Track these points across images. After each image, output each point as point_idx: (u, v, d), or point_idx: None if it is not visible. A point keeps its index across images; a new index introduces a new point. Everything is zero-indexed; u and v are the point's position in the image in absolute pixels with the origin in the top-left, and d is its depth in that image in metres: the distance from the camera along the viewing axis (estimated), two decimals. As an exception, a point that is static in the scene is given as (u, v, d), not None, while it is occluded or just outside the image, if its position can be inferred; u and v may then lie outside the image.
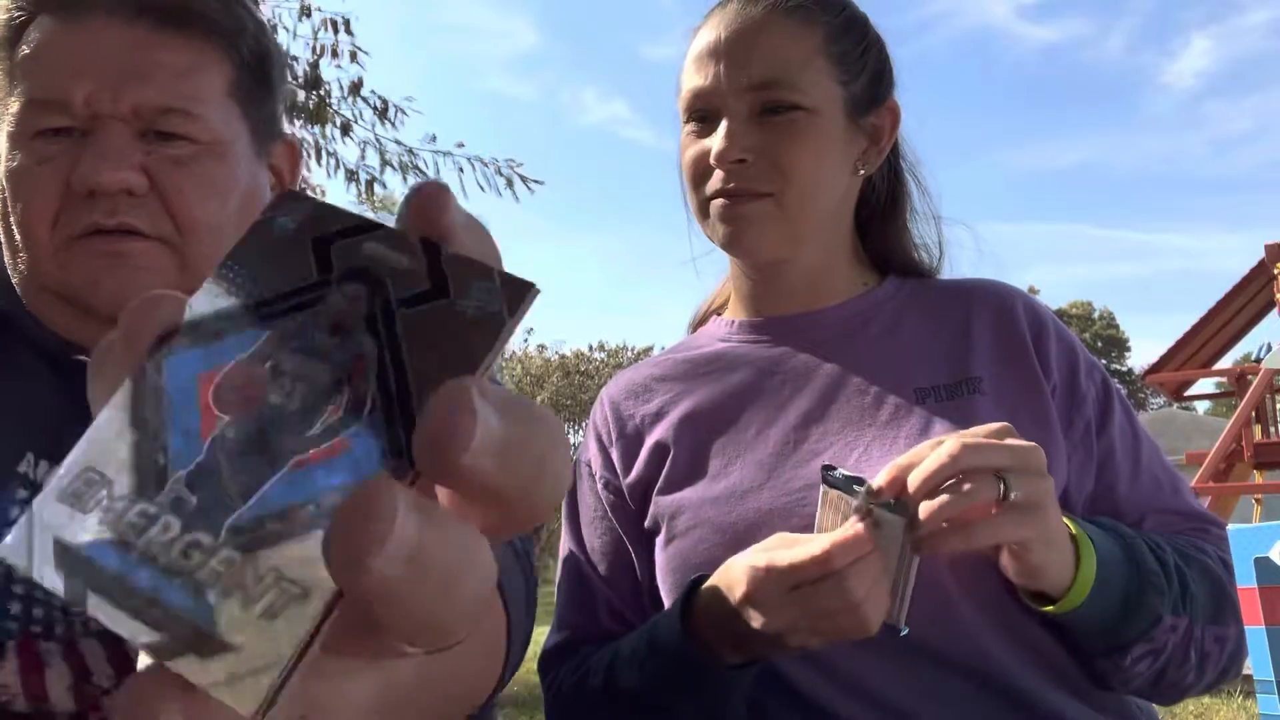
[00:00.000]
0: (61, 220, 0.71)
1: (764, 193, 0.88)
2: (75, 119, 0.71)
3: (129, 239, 0.72)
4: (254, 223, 0.26)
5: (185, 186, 0.73)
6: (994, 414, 0.85)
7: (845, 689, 0.79)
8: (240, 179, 0.77)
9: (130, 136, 0.72)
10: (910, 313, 0.95)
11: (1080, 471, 0.87)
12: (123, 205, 0.71)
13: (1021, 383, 0.88)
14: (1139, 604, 0.75)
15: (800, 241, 0.91)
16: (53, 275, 0.73)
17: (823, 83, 0.89)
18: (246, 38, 0.78)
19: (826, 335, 0.94)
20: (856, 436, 0.86)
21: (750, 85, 0.87)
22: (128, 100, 0.71)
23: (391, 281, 0.24)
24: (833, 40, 0.90)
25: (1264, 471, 8.81)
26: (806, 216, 0.90)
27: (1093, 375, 0.91)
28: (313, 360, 0.24)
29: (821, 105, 0.88)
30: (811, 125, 0.88)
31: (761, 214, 0.88)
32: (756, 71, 0.87)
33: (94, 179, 0.69)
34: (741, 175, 0.88)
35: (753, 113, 0.88)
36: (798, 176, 0.87)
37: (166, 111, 0.73)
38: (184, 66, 0.74)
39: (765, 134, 0.87)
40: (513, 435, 0.23)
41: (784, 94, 0.87)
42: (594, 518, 0.97)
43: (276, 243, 0.25)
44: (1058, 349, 0.91)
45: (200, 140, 0.74)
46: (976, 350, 0.90)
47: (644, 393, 0.98)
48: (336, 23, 5.63)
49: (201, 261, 0.75)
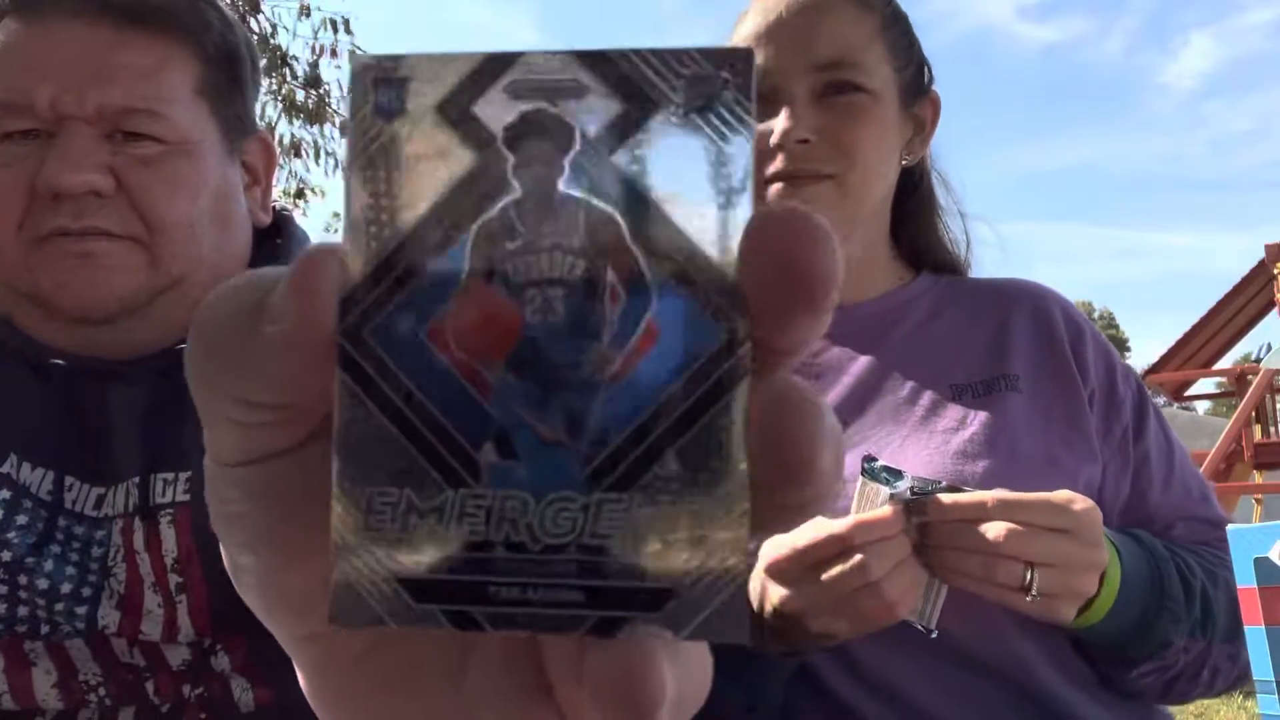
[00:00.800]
0: (27, 223, 0.71)
1: (827, 174, 0.87)
2: (40, 121, 0.71)
3: (96, 239, 0.71)
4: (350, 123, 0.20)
5: (153, 186, 0.72)
6: (1029, 412, 0.85)
7: (875, 691, 0.79)
8: (210, 177, 0.77)
9: (96, 138, 0.71)
10: (946, 309, 0.94)
11: (1117, 478, 0.87)
12: (89, 207, 0.70)
13: (1058, 384, 0.88)
14: (1151, 628, 0.74)
15: (855, 228, 0.90)
16: (21, 278, 0.72)
17: (882, 67, 0.88)
18: (212, 34, 0.78)
19: (862, 329, 0.93)
20: (892, 432, 0.85)
21: (814, 65, 0.86)
22: (92, 101, 0.71)
23: (577, 120, 0.19)
24: (888, 26, 0.90)
25: (1264, 471, 8.80)
26: (865, 202, 0.89)
27: (1129, 380, 0.91)
28: (542, 254, 0.19)
29: (881, 89, 0.88)
30: (874, 108, 0.87)
31: (824, 196, 0.87)
32: (822, 52, 0.86)
33: (57, 181, 0.69)
34: (805, 156, 0.86)
35: (814, 94, 0.87)
36: (861, 159, 0.87)
37: (132, 112, 0.72)
38: (149, 66, 0.73)
39: (828, 115, 0.86)
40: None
41: (849, 74, 0.86)
42: None
43: (400, 136, 0.19)
44: (1095, 354, 0.90)
45: (167, 140, 0.73)
46: (1014, 348, 0.89)
47: None
48: (336, 22, 5.64)
49: (171, 260, 0.74)
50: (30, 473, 0.74)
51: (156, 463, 0.75)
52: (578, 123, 0.19)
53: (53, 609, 0.69)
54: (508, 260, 0.19)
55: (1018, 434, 0.83)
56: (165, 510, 0.74)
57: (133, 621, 0.71)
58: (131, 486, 0.75)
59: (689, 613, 0.18)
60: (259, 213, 0.86)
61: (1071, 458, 0.84)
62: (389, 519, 0.19)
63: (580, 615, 0.18)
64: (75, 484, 0.75)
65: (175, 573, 0.73)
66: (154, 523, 0.74)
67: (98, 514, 0.74)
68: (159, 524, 0.74)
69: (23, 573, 0.69)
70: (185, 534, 0.74)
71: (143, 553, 0.73)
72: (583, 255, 0.19)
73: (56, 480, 0.75)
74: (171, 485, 0.75)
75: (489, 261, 0.19)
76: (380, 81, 0.19)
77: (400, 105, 0.19)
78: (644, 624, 0.18)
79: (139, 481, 0.75)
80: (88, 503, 0.75)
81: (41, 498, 0.74)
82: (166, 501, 0.74)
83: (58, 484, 0.75)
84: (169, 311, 0.76)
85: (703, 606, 0.18)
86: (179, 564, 0.73)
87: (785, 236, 0.17)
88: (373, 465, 0.19)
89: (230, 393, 0.20)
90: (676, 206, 0.18)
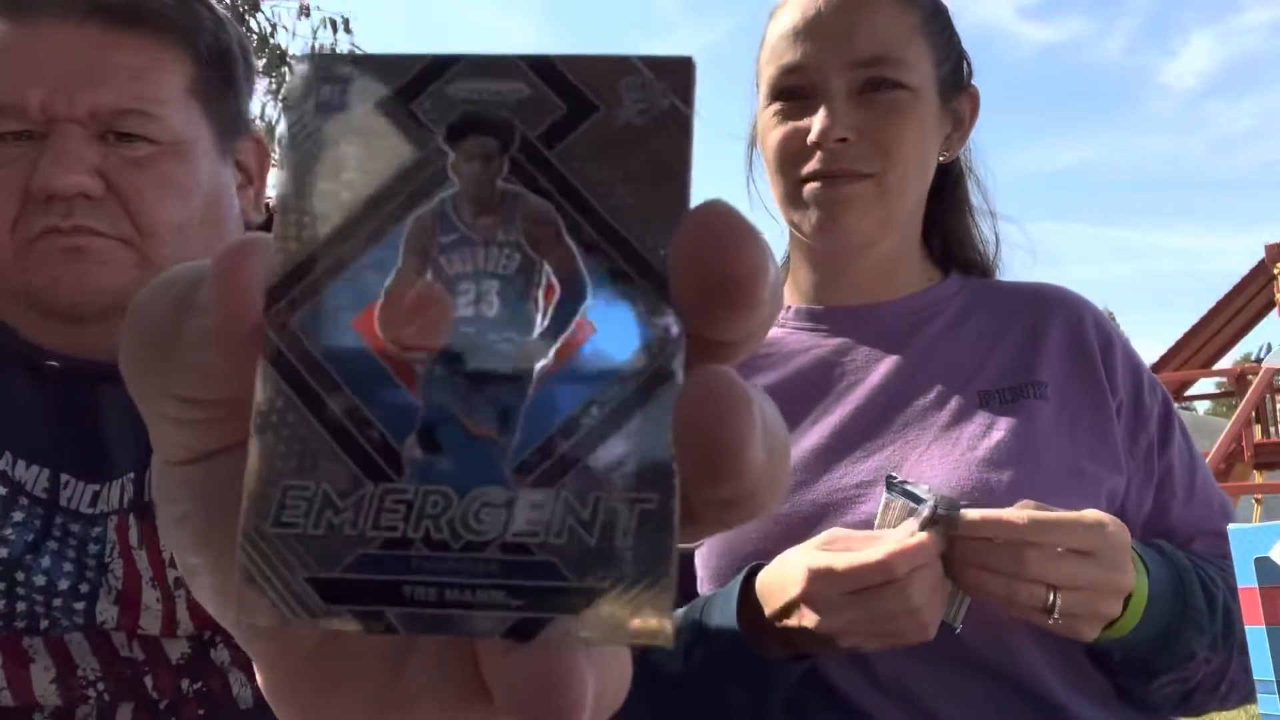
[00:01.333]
0: (20, 224, 0.71)
1: (866, 174, 0.85)
2: (32, 123, 0.71)
3: (87, 235, 0.71)
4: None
5: (144, 188, 0.72)
6: (1055, 421, 0.84)
7: (888, 693, 0.78)
8: (202, 178, 0.77)
9: (87, 139, 0.71)
10: (976, 311, 0.93)
11: (1140, 490, 0.86)
12: (80, 209, 0.70)
13: (1086, 394, 0.87)
14: (1175, 639, 0.74)
15: (891, 227, 0.89)
16: (15, 278, 0.72)
17: (922, 63, 0.87)
18: (204, 34, 0.77)
19: (889, 328, 0.92)
20: (917, 436, 0.84)
21: (855, 62, 0.84)
22: (83, 103, 0.71)
23: (519, 120, 0.19)
24: (929, 19, 0.88)
25: (1264, 471, 8.81)
26: (904, 201, 0.88)
27: (1155, 392, 0.91)
28: (478, 248, 0.19)
29: (922, 86, 0.86)
30: (915, 105, 0.86)
31: (862, 196, 0.85)
32: (863, 48, 0.84)
33: (48, 184, 0.69)
34: (844, 155, 0.85)
35: (853, 91, 0.85)
36: (901, 157, 0.85)
37: (123, 113, 0.72)
38: (140, 67, 0.73)
39: (868, 112, 0.85)
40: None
41: (890, 71, 0.84)
42: None
43: (339, 130, 0.19)
44: (1124, 364, 0.90)
45: (159, 140, 0.73)
46: (1043, 355, 0.88)
47: None
48: (336, 22, 5.63)
49: (163, 261, 0.74)
50: (25, 470, 0.75)
51: (150, 459, 0.76)
52: (519, 122, 0.19)
53: (51, 605, 0.69)
54: (442, 253, 0.19)
55: (1044, 444, 0.83)
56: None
57: (131, 616, 0.71)
58: (126, 483, 0.75)
59: (611, 614, 0.17)
60: (252, 212, 0.86)
61: (1096, 469, 0.84)
62: (302, 514, 0.18)
63: (500, 616, 0.18)
64: (71, 481, 0.75)
65: (173, 567, 0.73)
66: (149, 520, 0.74)
67: (93, 511, 0.74)
68: (154, 521, 0.74)
69: (20, 570, 0.69)
70: None
71: (139, 549, 0.73)
72: (518, 249, 0.19)
73: (52, 478, 0.75)
74: None
75: (422, 254, 0.19)
76: (324, 78, 0.20)
77: (341, 102, 0.19)
78: (564, 626, 0.17)
79: (134, 478, 0.75)
80: (83, 500, 0.75)
81: (38, 495, 0.74)
82: None
83: (53, 481, 0.75)
84: None
85: (626, 608, 0.17)
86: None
87: (711, 234, 0.18)
88: (290, 457, 0.18)
89: (164, 390, 0.19)
90: (613, 205, 0.19)
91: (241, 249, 0.18)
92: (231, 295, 0.18)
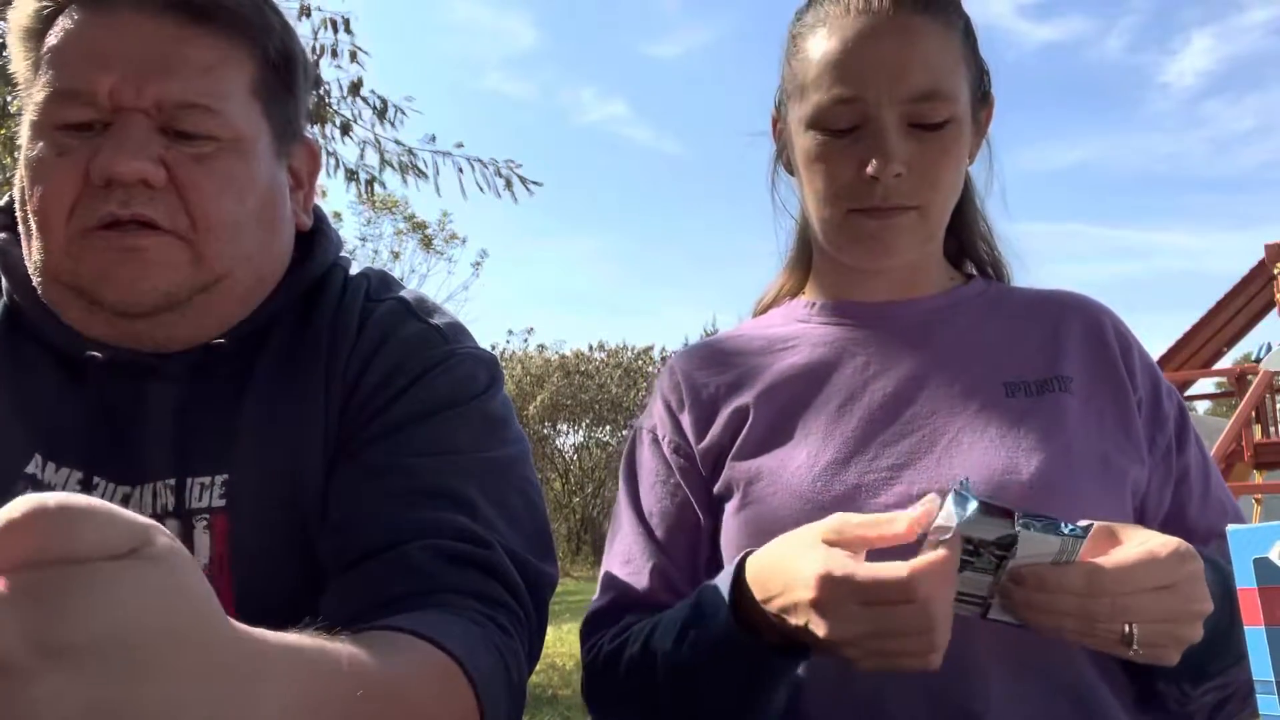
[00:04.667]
0: (78, 211, 0.71)
1: (912, 206, 0.86)
2: (98, 111, 0.72)
3: (144, 233, 0.72)
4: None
5: (204, 183, 0.73)
6: (1082, 414, 0.86)
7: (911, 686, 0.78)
8: (259, 177, 0.77)
9: (151, 129, 0.72)
10: (999, 311, 0.95)
11: (1160, 488, 0.87)
12: (139, 197, 0.71)
13: (1109, 389, 0.89)
14: (1228, 639, 0.72)
15: (929, 244, 0.92)
16: (65, 267, 0.73)
17: (963, 88, 0.87)
18: (273, 38, 0.78)
19: (913, 324, 0.94)
20: (947, 423, 0.86)
21: (910, 97, 0.84)
22: (151, 93, 0.72)
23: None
24: (965, 40, 0.89)
25: (1264, 471, 8.81)
26: (941, 223, 0.91)
27: (1171, 397, 0.92)
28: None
29: (963, 113, 0.87)
30: (959, 135, 0.87)
31: (909, 226, 0.87)
32: (916, 83, 0.84)
33: (111, 168, 0.70)
34: (897, 190, 0.85)
35: (904, 122, 0.85)
36: (944, 188, 0.87)
37: (189, 106, 0.73)
38: (209, 62, 0.74)
39: (918, 146, 0.85)
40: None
41: (943, 108, 0.84)
42: (655, 482, 0.95)
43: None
44: (1142, 367, 0.91)
45: (221, 137, 0.74)
46: (1066, 353, 0.90)
47: (719, 364, 0.97)
48: (336, 22, 5.62)
49: (215, 257, 0.75)
50: (55, 473, 0.75)
51: (191, 464, 0.76)
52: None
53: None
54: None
55: (1072, 433, 0.84)
56: (201, 515, 0.74)
57: None
58: (164, 488, 0.75)
59: None
60: (302, 216, 0.86)
61: (1122, 460, 0.85)
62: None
63: None
64: (102, 483, 0.75)
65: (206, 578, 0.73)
66: (189, 527, 0.74)
67: None
68: (194, 529, 0.74)
69: None
70: (220, 541, 0.74)
71: None
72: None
73: (84, 480, 0.75)
74: (208, 490, 0.75)
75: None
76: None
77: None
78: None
79: (174, 485, 0.75)
80: (113, 502, 0.75)
81: None
82: (203, 506, 0.75)
83: (85, 484, 0.75)
84: (209, 307, 0.77)
85: None
86: (210, 570, 0.74)
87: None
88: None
89: None
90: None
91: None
92: None
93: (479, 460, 0.78)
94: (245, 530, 0.75)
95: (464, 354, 0.83)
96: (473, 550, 0.71)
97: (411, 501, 0.73)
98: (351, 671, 0.50)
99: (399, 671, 0.55)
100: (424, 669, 0.58)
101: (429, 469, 0.75)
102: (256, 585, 0.75)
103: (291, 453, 0.77)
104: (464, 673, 0.60)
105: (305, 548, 0.75)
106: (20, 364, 0.78)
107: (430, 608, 0.67)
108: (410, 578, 0.69)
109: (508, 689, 0.66)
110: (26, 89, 0.75)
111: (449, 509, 0.73)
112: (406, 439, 0.77)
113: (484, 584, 0.71)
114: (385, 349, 0.80)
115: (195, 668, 0.37)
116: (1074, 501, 0.79)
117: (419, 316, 0.84)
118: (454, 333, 0.85)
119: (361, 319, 0.82)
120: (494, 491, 0.77)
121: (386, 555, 0.70)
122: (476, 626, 0.66)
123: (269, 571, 0.75)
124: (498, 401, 0.84)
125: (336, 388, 0.79)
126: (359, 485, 0.75)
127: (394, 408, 0.78)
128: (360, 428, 0.78)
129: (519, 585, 0.73)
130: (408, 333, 0.82)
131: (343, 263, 0.89)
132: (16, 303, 0.79)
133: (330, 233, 0.89)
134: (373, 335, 0.81)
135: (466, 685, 0.60)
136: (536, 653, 0.76)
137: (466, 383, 0.81)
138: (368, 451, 0.77)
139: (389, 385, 0.79)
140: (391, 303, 0.85)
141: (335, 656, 0.50)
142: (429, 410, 0.78)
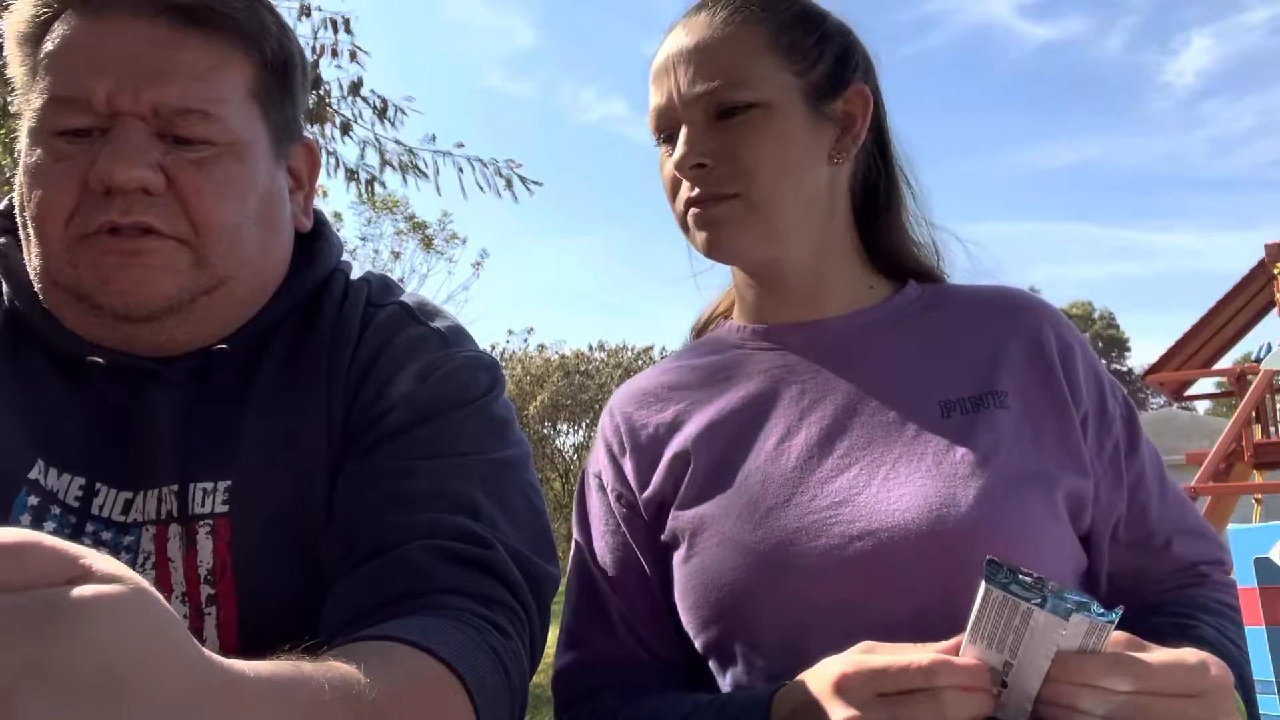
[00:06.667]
0: (76, 218, 0.71)
1: (730, 194, 0.88)
2: (96, 117, 0.71)
3: (144, 237, 0.72)
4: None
5: (203, 188, 0.73)
6: (1018, 429, 0.84)
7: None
8: (259, 180, 0.77)
9: (149, 135, 0.72)
10: (932, 321, 0.93)
11: (1110, 493, 0.87)
12: (139, 204, 0.71)
13: (1048, 401, 0.87)
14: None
15: (779, 238, 0.90)
16: (64, 272, 0.73)
17: (773, 75, 0.88)
18: (270, 40, 0.78)
19: (838, 343, 0.92)
20: (883, 453, 0.84)
21: (699, 92, 0.88)
22: (148, 99, 0.71)
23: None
24: (779, 34, 0.90)
25: (1264, 471, 8.80)
26: (780, 211, 0.89)
27: (1116, 395, 0.91)
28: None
29: (775, 98, 0.88)
30: (769, 120, 0.88)
31: (732, 215, 0.88)
32: (701, 77, 0.88)
33: (111, 176, 0.70)
34: (705, 180, 0.88)
35: (709, 118, 0.88)
36: (761, 172, 0.87)
37: (186, 111, 0.73)
38: (206, 66, 0.74)
39: (723, 136, 0.88)
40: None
41: (733, 94, 0.87)
42: (605, 530, 0.94)
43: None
44: (1085, 371, 0.90)
45: (219, 141, 0.74)
46: (1003, 364, 0.88)
47: (656, 401, 0.96)
48: (336, 22, 5.62)
49: (217, 261, 0.75)
50: (57, 479, 0.75)
51: (194, 469, 0.76)
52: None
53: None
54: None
55: (1006, 452, 0.83)
56: (204, 521, 0.74)
57: None
58: (168, 493, 0.75)
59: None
60: (301, 217, 0.86)
61: (1057, 471, 0.84)
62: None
63: None
64: (104, 489, 0.75)
65: (208, 584, 0.73)
66: (192, 532, 0.74)
67: (125, 519, 0.75)
68: (197, 534, 0.74)
69: None
70: (223, 547, 0.74)
71: (176, 561, 0.74)
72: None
73: (86, 485, 0.75)
74: (211, 495, 0.75)
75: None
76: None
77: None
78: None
79: (177, 490, 0.75)
80: (115, 508, 0.75)
81: (69, 504, 0.74)
82: (205, 512, 0.75)
83: (87, 489, 0.75)
84: (210, 311, 0.77)
85: None
86: (213, 576, 0.74)
87: None
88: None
89: None
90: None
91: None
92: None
93: (481, 462, 0.78)
94: (248, 536, 0.75)
95: (465, 358, 0.83)
96: (474, 550, 0.72)
97: (414, 503, 0.73)
98: (334, 699, 0.49)
99: (387, 690, 0.54)
100: (416, 681, 0.58)
101: (431, 471, 0.75)
102: (259, 590, 0.75)
103: (294, 458, 0.77)
104: (458, 679, 0.60)
105: (308, 553, 0.76)
106: (22, 369, 0.78)
107: (429, 609, 0.67)
108: (411, 578, 0.69)
109: (506, 691, 0.66)
110: (24, 94, 0.75)
111: (451, 510, 0.73)
112: (409, 443, 0.77)
113: (484, 584, 0.71)
114: (387, 354, 0.81)
115: (174, 698, 0.37)
116: (1015, 528, 0.78)
117: (420, 321, 0.85)
118: (455, 337, 0.85)
119: (363, 324, 0.83)
120: (496, 493, 0.77)
121: (388, 556, 0.70)
122: (473, 630, 0.66)
123: (271, 576, 0.75)
124: (499, 404, 0.84)
125: (339, 393, 0.79)
126: (361, 489, 0.75)
127: (396, 412, 0.78)
128: (363, 432, 0.78)
129: (520, 585, 0.73)
130: (409, 337, 0.82)
131: (344, 267, 0.89)
132: (17, 307, 0.79)
133: (331, 237, 0.89)
134: (374, 340, 0.81)
135: (461, 691, 0.61)
136: (539, 653, 0.76)
137: (468, 386, 0.82)
138: (370, 456, 0.77)
139: (391, 390, 0.79)
140: (393, 307, 0.85)
141: (317, 685, 0.49)
142: (431, 414, 0.78)
